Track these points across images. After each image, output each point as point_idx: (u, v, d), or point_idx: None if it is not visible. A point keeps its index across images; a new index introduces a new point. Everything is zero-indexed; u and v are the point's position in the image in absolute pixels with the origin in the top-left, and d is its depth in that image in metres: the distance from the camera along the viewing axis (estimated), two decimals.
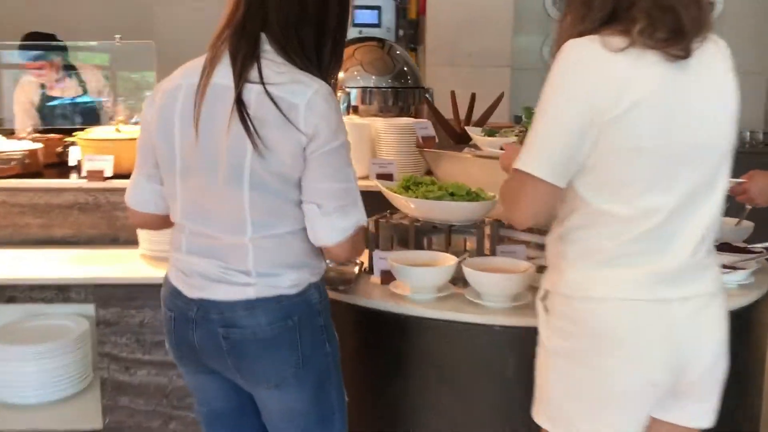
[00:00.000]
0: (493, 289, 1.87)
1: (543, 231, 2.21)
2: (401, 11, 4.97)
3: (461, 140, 2.79)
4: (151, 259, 2.35)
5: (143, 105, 1.67)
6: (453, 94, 2.90)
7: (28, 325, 2.52)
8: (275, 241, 1.56)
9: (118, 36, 2.63)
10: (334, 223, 1.56)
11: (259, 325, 1.55)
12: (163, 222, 1.72)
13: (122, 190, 2.52)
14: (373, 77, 3.09)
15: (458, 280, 1.98)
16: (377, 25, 5.30)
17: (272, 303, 1.56)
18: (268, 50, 1.54)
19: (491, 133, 2.31)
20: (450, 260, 1.97)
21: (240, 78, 1.50)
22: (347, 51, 3.05)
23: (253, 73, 1.50)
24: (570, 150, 1.42)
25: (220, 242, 1.57)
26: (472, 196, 2.06)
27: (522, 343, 1.81)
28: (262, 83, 1.49)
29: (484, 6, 4.84)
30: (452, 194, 2.05)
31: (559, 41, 1.46)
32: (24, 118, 3.30)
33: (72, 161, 2.76)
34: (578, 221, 1.49)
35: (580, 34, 1.43)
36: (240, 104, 1.48)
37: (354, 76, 3.09)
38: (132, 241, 2.49)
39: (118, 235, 2.52)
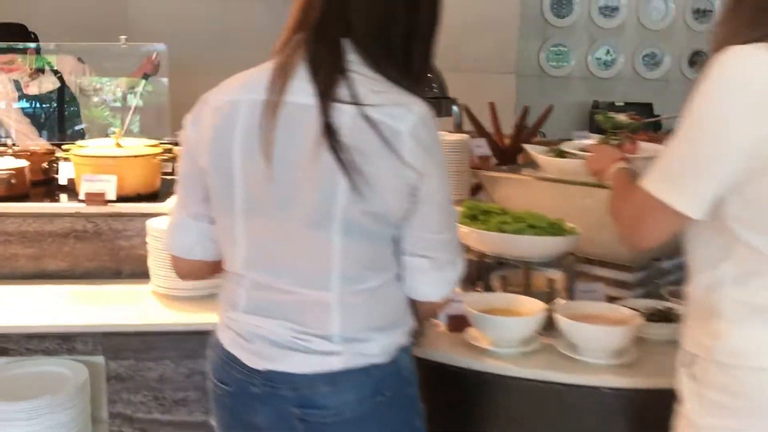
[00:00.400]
0: (596, 344, 1.58)
1: (622, 265, 1.95)
2: None
3: (504, 157, 2.51)
4: (165, 297, 2.00)
5: (184, 122, 1.34)
6: (492, 105, 2.62)
7: (11, 374, 2.13)
8: (366, 297, 1.25)
9: (123, 37, 2.26)
10: (445, 276, 1.30)
11: (346, 403, 1.24)
12: (213, 269, 1.40)
13: (126, 216, 2.21)
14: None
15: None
16: None
17: (361, 375, 1.25)
18: (353, 61, 1.23)
19: (561, 153, 2.03)
20: (537, 306, 1.68)
21: (326, 96, 1.19)
22: None
23: (342, 91, 1.20)
24: (722, 180, 1.17)
25: (295, 298, 1.25)
26: (555, 228, 1.77)
27: (633, 408, 1.55)
28: (357, 104, 1.18)
29: (488, 9, 4.58)
30: (531, 226, 1.77)
31: (718, 48, 1.19)
32: (18, 127, 2.88)
33: (62, 179, 2.39)
34: (736, 268, 1.22)
35: (747, 42, 1.17)
36: (329, 130, 1.17)
37: None
38: (137, 275, 2.14)
39: (122, 267, 2.16)
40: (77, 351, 1.80)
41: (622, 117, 2.02)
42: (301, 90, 1.22)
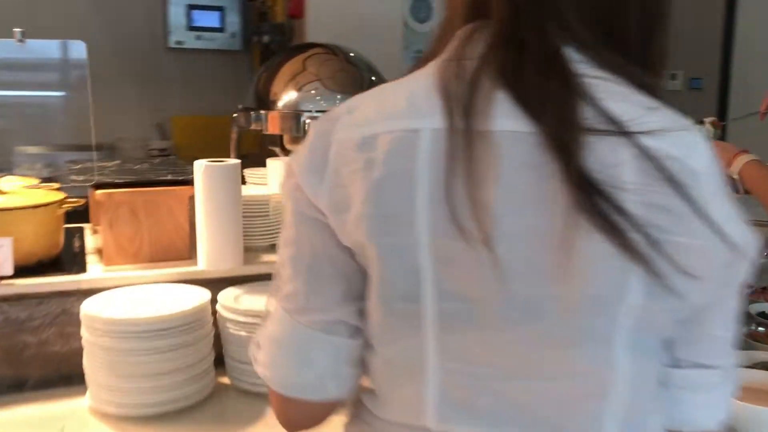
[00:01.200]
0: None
1: None
2: (262, 14, 4.07)
3: None
4: (118, 420, 1.33)
5: (289, 175, 0.76)
6: None
7: None
8: None
9: (18, 30, 1.48)
10: (729, 391, 0.84)
11: None
12: (333, 410, 0.84)
13: (33, 298, 1.48)
14: (339, 95, 2.25)
15: None
16: (219, 30, 4.38)
17: None
18: (578, 59, 0.73)
19: None
20: None
21: (568, 123, 0.69)
22: (298, 63, 2.26)
23: (590, 112, 0.69)
24: None
25: None
26: None
27: None
28: (626, 132, 0.69)
29: (372, 10, 4.14)
30: None
31: None
32: None
33: None
34: None
35: None
36: (588, 184, 0.67)
37: (312, 96, 2.22)
38: (51, 383, 1.45)
39: (27, 375, 1.44)
40: None
41: (707, 124, 1.74)
42: (511, 112, 0.70)
